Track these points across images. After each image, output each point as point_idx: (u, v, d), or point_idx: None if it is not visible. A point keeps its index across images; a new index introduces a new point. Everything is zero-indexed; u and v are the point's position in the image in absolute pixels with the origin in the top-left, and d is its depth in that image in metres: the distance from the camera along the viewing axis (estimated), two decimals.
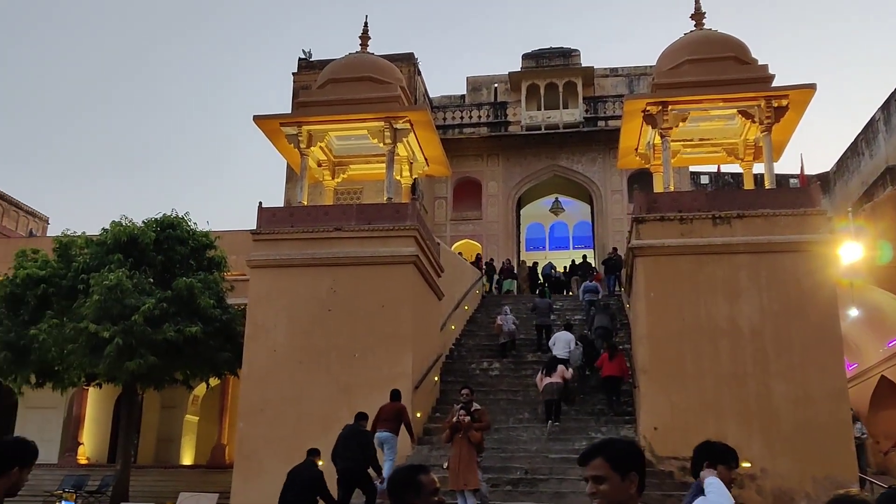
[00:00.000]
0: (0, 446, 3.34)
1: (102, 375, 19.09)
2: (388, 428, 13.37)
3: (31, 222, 51.93)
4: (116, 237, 19.66)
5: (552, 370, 16.32)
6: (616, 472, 2.75)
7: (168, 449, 28.05)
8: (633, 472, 2.77)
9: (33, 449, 3.38)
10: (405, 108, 18.04)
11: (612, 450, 2.82)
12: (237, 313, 19.57)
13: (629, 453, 2.82)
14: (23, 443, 3.37)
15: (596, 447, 2.87)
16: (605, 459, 2.79)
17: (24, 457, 3.32)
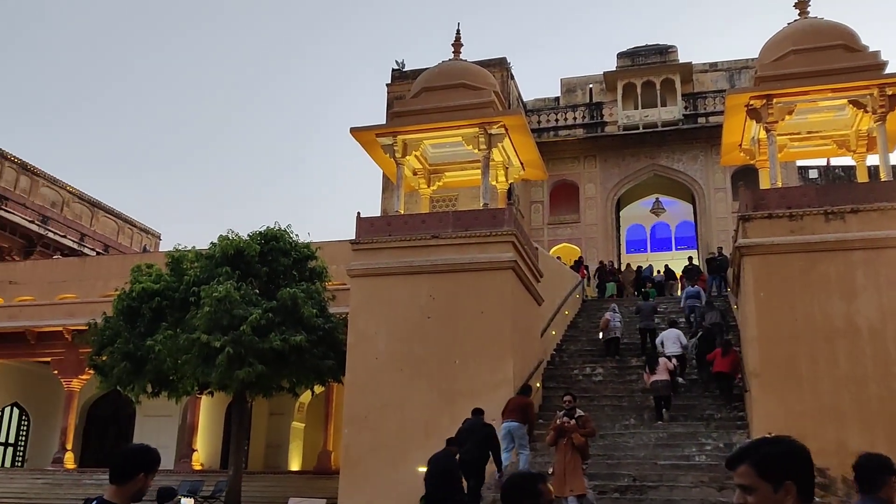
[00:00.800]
0: (126, 453, 3.46)
1: (214, 384, 19.72)
2: (515, 418, 13.59)
3: (145, 238, 54.50)
4: (224, 250, 20.33)
5: (655, 366, 16.14)
6: (766, 482, 2.31)
7: (276, 455, 28.79)
8: (788, 480, 2.30)
9: (156, 456, 3.49)
10: (499, 113, 17.98)
11: (759, 454, 2.36)
12: (339, 322, 19.93)
13: (781, 458, 2.34)
14: (147, 450, 3.49)
15: (742, 450, 2.44)
16: (751, 465, 2.35)
17: (148, 463, 3.43)
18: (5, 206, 43.33)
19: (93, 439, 30.54)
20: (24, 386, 30.77)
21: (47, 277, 33.84)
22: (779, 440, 2.44)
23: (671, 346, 17.60)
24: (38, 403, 31.00)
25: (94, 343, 20.96)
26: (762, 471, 2.32)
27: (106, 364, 20.45)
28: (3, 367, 29.60)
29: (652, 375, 16.10)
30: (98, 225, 50.37)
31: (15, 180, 44.55)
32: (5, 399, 30.47)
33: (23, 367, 30.24)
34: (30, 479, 26.54)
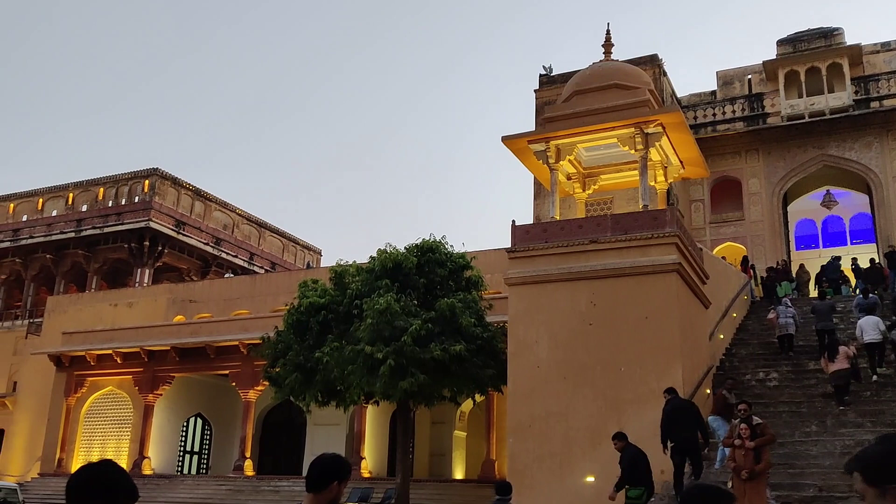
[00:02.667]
0: (321, 463, 3.52)
1: (379, 393, 20.19)
2: (716, 413, 14.02)
3: (307, 255, 57.00)
4: (383, 264, 20.84)
5: (834, 354, 15.62)
6: (871, 487, 2.20)
7: (440, 463, 29.15)
8: (892, 484, 2.16)
9: (348, 465, 3.54)
10: (655, 111, 17.43)
11: (865, 458, 2.27)
12: (497, 331, 19.92)
13: (885, 460, 2.21)
14: (339, 459, 3.55)
15: (856, 454, 2.33)
16: (859, 471, 2.25)
17: (341, 472, 3.48)
18: (183, 231, 46.57)
19: (268, 447, 32.11)
20: (206, 397, 32.82)
21: (223, 295, 36.03)
22: (887, 439, 2.31)
23: (871, 333, 16.83)
24: (218, 414, 32.97)
25: (268, 356, 21.99)
26: (868, 476, 2.23)
27: (279, 375, 21.39)
28: (187, 380, 31.69)
29: (831, 364, 15.62)
30: (265, 244, 53.19)
31: (191, 206, 47.82)
32: (190, 410, 32.60)
33: (204, 380, 32.25)
34: (214, 486, 28.21)
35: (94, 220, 46.45)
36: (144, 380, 30.49)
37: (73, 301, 39.89)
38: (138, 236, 44.71)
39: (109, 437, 31.59)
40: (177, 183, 47.13)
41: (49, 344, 34.74)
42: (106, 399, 32.22)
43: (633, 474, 12.01)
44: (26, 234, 47.74)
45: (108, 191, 47.15)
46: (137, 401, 30.82)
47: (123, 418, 31.52)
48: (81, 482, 2.50)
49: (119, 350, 31.02)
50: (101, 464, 2.59)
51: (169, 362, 30.37)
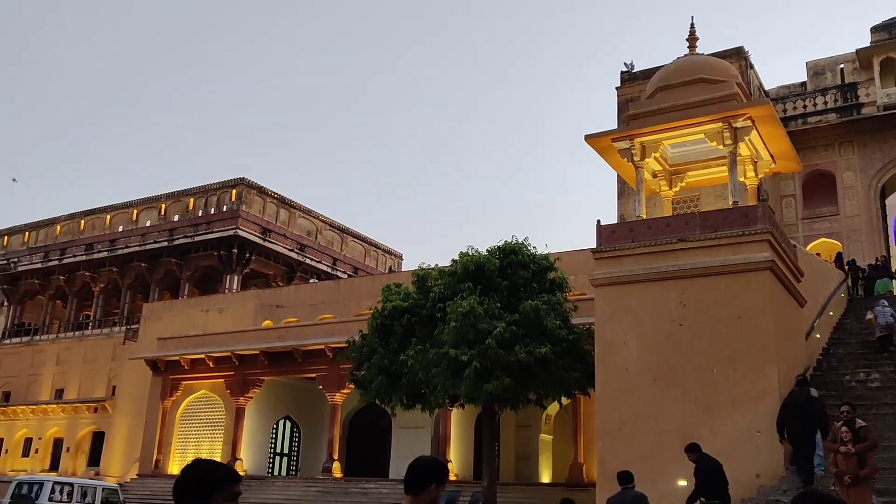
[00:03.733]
0: (419, 465, 3.51)
1: (463, 396, 20.16)
2: None
3: (389, 259, 57.59)
4: (465, 266, 20.80)
5: None
6: None
7: (526, 467, 28.93)
8: None
9: (446, 468, 3.52)
10: (744, 105, 16.91)
11: None
12: (583, 333, 19.64)
13: None
14: (438, 462, 3.54)
15: None
16: None
17: (439, 475, 3.47)
18: (269, 238, 47.69)
19: (355, 449, 32.50)
20: (294, 400, 33.47)
21: (308, 300, 36.69)
22: None
23: None
24: (306, 416, 33.58)
25: (354, 359, 22.23)
26: None
27: (365, 378, 21.60)
28: (276, 383, 32.38)
29: None
30: (347, 249, 53.98)
31: (276, 214, 48.94)
32: (279, 413, 33.30)
33: (292, 383, 32.89)
34: (304, 487, 28.72)
35: (185, 229, 48.01)
36: (235, 383, 31.30)
37: (167, 308, 41.30)
38: (227, 244, 45.98)
39: (203, 438, 32.53)
40: (262, 191, 48.29)
41: (145, 349, 36.05)
42: (199, 402, 33.21)
43: (708, 486, 11.59)
44: (122, 245, 49.69)
45: (197, 201, 48.66)
46: (229, 403, 31.66)
47: (216, 421, 32.42)
48: (180, 482, 2.66)
49: (211, 354, 31.93)
50: (196, 463, 2.74)
51: (258, 366, 31.09)
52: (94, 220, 52.69)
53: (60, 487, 23.14)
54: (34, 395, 46.91)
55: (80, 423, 42.10)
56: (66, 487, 23.30)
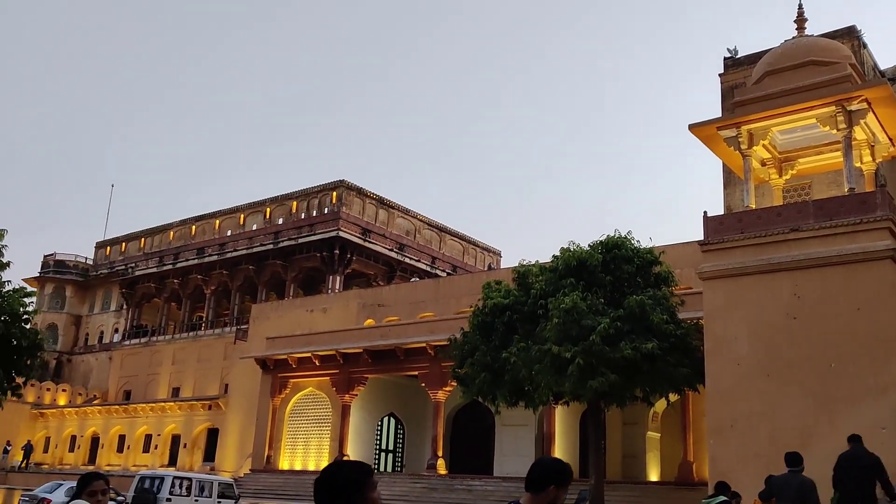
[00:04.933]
0: (540, 465, 3.48)
1: (567, 394, 19.97)
2: None
3: (487, 256, 57.63)
4: (567, 262, 20.57)
5: None
6: None
7: (633, 465, 28.43)
8: None
9: (569, 471, 3.44)
10: (858, 86, 16.11)
11: None
12: (691, 328, 19.15)
13: None
14: (560, 464, 3.47)
15: None
16: None
17: (560, 477, 3.41)
18: (370, 239, 48.51)
19: (458, 446, 32.66)
20: (398, 398, 33.94)
21: (409, 299, 37.11)
22: None
23: None
24: (410, 413, 33.99)
25: (455, 357, 22.33)
26: None
27: (467, 376, 21.66)
28: (380, 381, 32.91)
29: None
30: (446, 248, 54.34)
31: (375, 214, 49.74)
32: (383, 410, 33.84)
33: (396, 381, 33.36)
34: (409, 483, 29.08)
35: (289, 231, 49.39)
36: (341, 381, 31.98)
37: (274, 308, 42.57)
38: (329, 245, 47.02)
39: (311, 435, 33.38)
40: (362, 193, 49.18)
41: (255, 349, 37.25)
42: (307, 399, 34.09)
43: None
44: (231, 248, 51.55)
45: (300, 203, 49.97)
46: (335, 401, 32.37)
47: (323, 417, 33.21)
48: (320, 481, 2.77)
49: (317, 353, 32.72)
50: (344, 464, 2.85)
51: (362, 364, 31.67)
52: (204, 226, 54.84)
53: (180, 482, 24.12)
54: (153, 393, 49.25)
55: (196, 420, 43.89)
56: (184, 482, 24.27)
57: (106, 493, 4.54)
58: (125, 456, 46.13)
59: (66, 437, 50.00)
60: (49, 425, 50.94)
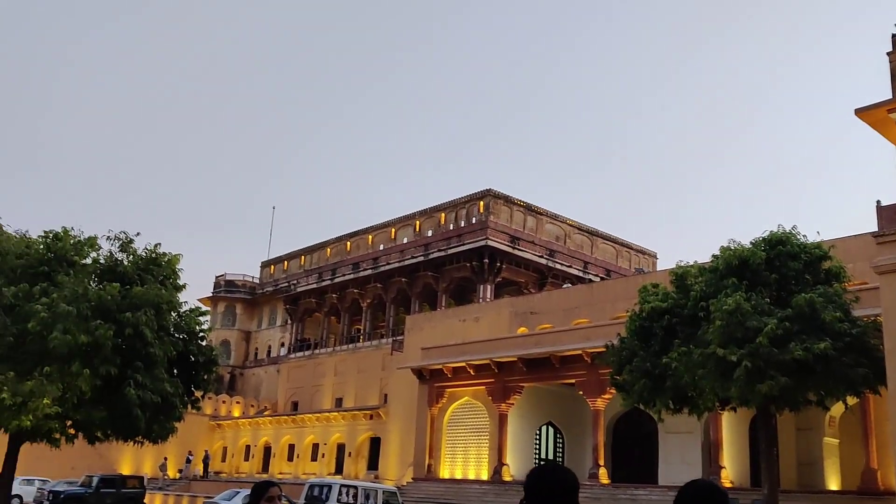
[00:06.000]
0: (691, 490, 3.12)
1: (734, 399, 19.12)
2: None
3: (641, 259, 56.20)
4: (727, 262, 19.74)
5: None
6: None
7: (810, 473, 26.73)
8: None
9: (724, 497, 3.09)
10: None
11: None
12: (868, 325, 17.89)
13: None
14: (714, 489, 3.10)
15: None
16: None
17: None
18: (519, 246, 48.49)
19: (620, 455, 31.92)
20: (555, 406, 33.62)
21: (561, 305, 36.75)
22: None
23: None
24: (568, 422, 33.58)
25: (613, 363, 21.87)
26: None
27: (626, 382, 21.15)
28: (536, 389, 32.72)
29: None
30: (598, 252, 53.48)
31: (523, 222, 49.69)
32: (541, 418, 33.62)
33: (552, 389, 33.07)
34: None
35: (438, 243, 50.19)
36: (496, 390, 32.04)
37: (427, 319, 43.34)
38: (478, 255, 47.38)
39: (470, 444, 33.63)
40: (509, 201, 49.27)
41: (410, 359, 38.03)
42: (464, 408, 34.40)
43: None
44: (384, 262, 53.00)
45: (448, 215, 50.70)
46: (492, 410, 32.46)
47: (481, 427, 33.38)
48: (530, 482, 2.84)
49: (471, 362, 32.96)
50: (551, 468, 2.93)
51: (517, 373, 31.59)
52: (358, 241, 56.75)
53: (346, 490, 24.98)
54: (318, 404, 51.35)
55: (359, 430, 45.33)
56: (351, 490, 25.11)
57: (279, 501, 4.70)
58: (295, 464, 48.29)
59: (241, 446, 52.96)
60: (225, 435, 54.15)
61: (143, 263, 22.31)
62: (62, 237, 21.77)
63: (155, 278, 22.04)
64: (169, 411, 21.71)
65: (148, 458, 47.36)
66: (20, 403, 18.86)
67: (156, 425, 21.55)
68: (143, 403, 20.24)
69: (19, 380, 18.77)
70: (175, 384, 21.72)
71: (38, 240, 22.04)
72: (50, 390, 18.90)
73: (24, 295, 19.74)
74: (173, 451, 46.69)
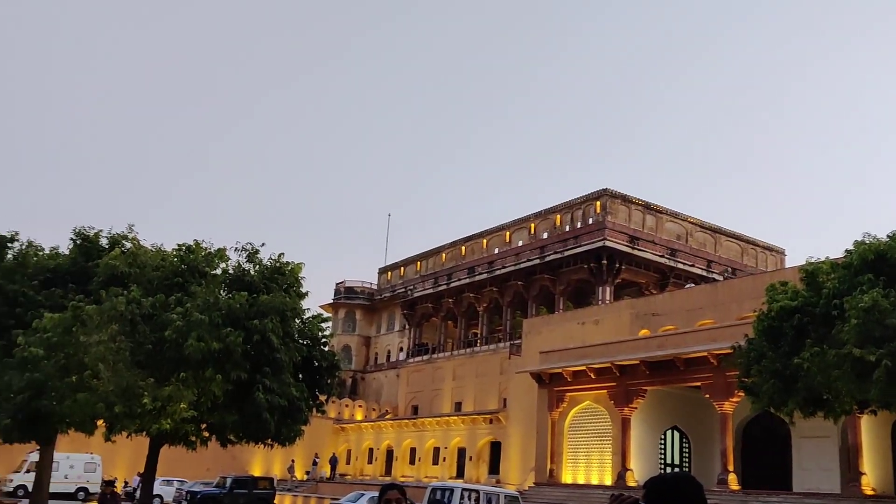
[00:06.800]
0: None
1: (874, 401, 18.11)
2: None
3: (769, 256, 53.94)
4: (862, 257, 18.72)
5: None
6: None
7: None
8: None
9: None
10: None
11: None
12: None
13: None
14: None
15: None
16: None
17: None
18: (638, 246, 47.47)
19: (750, 460, 30.67)
20: (680, 410, 32.65)
21: (684, 306, 35.71)
22: None
23: None
24: (694, 426, 32.55)
25: (741, 365, 21.09)
26: None
27: (755, 385, 20.35)
28: (660, 393, 31.89)
29: None
30: (722, 250, 51.73)
31: (642, 221, 48.63)
32: (666, 423, 32.73)
33: (677, 393, 32.14)
34: None
35: (554, 245, 49.77)
36: (618, 394, 31.43)
37: (545, 322, 43.02)
38: (596, 256, 46.67)
39: (592, 449, 33.11)
40: (626, 200, 48.32)
41: (529, 363, 37.83)
42: (585, 413, 33.91)
43: None
44: (499, 266, 53.01)
45: (563, 216, 50.20)
46: (614, 414, 31.86)
47: (603, 431, 32.81)
48: (651, 493, 2.75)
49: (591, 366, 32.46)
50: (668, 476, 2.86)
51: (639, 376, 30.89)
52: (472, 246, 57.02)
53: (468, 493, 25.07)
54: (437, 408, 51.85)
55: (478, 434, 45.46)
56: (472, 494, 25.18)
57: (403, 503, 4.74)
58: (417, 468, 48.90)
59: (364, 449, 54.12)
60: (349, 438, 55.48)
61: (268, 273, 23.21)
62: (194, 249, 22.92)
63: (279, 286, 22.88)
64: (295, 414, 22.45)
65: (277, 460, 49.10)
66: (160, 407, 19.94)
67: (284, 428, 22.33)
68: (272, 407, 21.02)
69: (158, 385, 19.85)
70: (300, 388, 22.45)
71: (172, 252, 23.28)
72: (186, 395, 19.91)
73: (160, 305, 20.88)
74: (300, 453, 48.26)
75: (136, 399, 19.61)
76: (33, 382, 20.09)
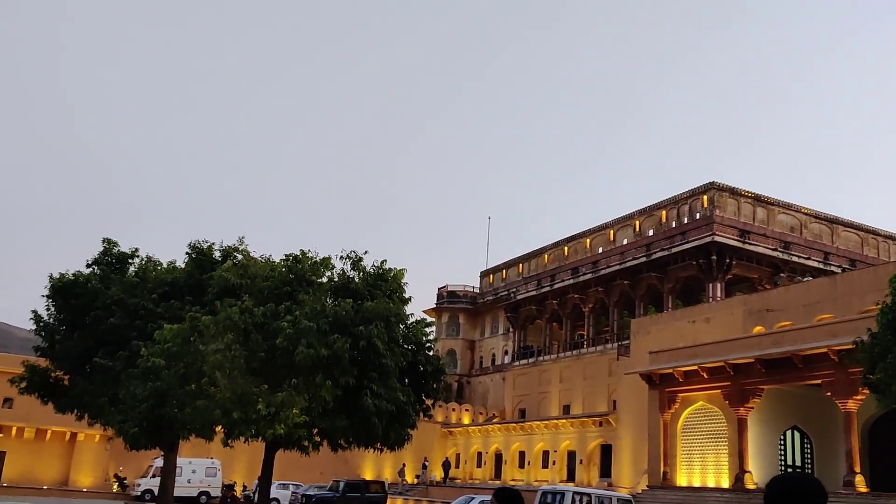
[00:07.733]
0: None
1: None
2: None
3: (892, 246, 51.06)
4: None
5: None
6: None
7: None
8: None
9: None
10: None
11: None
12: None
13: None
14: None
15: None
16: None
17: None
18: (749, 240, 45.79)
19: (879, 461, 29.04)
20: (800, 409, 31.25)
21: (801, 301, 34.16)
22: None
23: None
24: (816, 426, 31.08)
25: (864, 361, 20.07)
26: None
27: (881, 382, 19.29)
28: (778, 391, 30.59)
29: None
30: (840, 241, 49.35)
31: (752, 214, 46.89)
32: (785, 423, 31.37)
33: (796, 391, 30.77)
34: None
35: (660, 242, 48.57)
36: (733, 393, 30.33)
37: (653, 322, 42.01)
38: (704, 252, 45.27)
39: (707, 451, 32.07)
40: (735, 193, 46.69)
41: (638, 364, 37.00)
42: (698, 413, 32.89)
43: None
44: (604, 265, 52.14)
45: (669, 212, 48.95)
46: (729, 414, 30.77)
47: (718, 432, 31.73)
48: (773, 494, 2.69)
49: (703, 365, 31.45)
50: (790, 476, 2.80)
51: (755, 374, 29.72)
52: (575, 246, 56.32)
53: (579, 497, 24.74)
54: (545, 411, 51.43)
55: (588, 437, 44.80)
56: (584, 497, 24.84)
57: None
58: (526, 471, 48.62)
59: (472, 453, 54.22)
60: (457, 442, 55.70)
61: (371, 279, 23.58)
62: (301, 259, 23.52)
63: (383, 293, 23.20)
64: (403, 419, 22.69)
65: (387, 464, 49.78)
66: (273, 413, 20.52)
67: (392, 432, 22.60)
68: (380, 411, 21.30)
69: (271, 391, 20.44)
70: (407, 393, 22.67)
71: (280, 263, 23.97)
72: (298, 400, 20.42)
73: (271, 314, 21.52)
74: (409, 457, 48.78)
75: (252, 405, 20.25)
76: (156, 391, 21.08)
